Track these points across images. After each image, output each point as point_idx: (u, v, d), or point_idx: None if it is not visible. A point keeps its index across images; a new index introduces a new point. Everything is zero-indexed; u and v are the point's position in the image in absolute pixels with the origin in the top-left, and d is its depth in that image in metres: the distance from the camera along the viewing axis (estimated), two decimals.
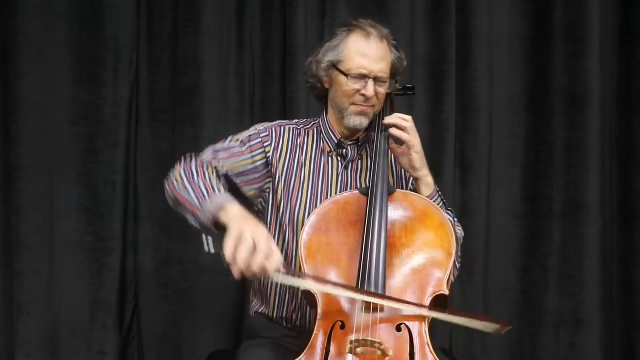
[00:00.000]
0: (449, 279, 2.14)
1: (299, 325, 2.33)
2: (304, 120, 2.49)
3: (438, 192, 2.35)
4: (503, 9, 3.38)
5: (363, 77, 2.28)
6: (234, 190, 2.26)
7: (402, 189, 2.39)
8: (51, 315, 3.30)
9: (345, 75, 2.29)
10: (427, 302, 2.08)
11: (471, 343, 3.40)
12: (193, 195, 2.10)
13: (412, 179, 2.38)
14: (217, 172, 2.25)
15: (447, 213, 2.33)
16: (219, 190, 2.11)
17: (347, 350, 1.98)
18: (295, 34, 3.26)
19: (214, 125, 3.33)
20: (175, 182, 2.18)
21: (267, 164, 2.34)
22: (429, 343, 2.03)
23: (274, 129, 2.39)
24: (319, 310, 2.08)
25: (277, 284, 2.34)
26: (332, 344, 2.02)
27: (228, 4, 3.32)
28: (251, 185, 2.34)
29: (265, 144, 2.35)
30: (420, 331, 2.04)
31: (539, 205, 3.38)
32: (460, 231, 2.41)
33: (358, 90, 2.29)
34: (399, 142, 2.31)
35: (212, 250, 1.95)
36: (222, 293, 3.24)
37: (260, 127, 2.40)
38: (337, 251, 2.15)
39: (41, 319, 3.29)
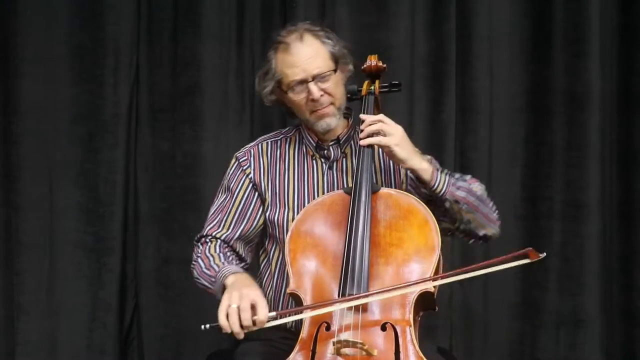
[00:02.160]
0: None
1: (294, 328, 2.31)
2: (287, 128, 2.50)
3: (438, 170, 2.25)
4: (503, 9, 3.38)
5: (302, 83, 2.29)
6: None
7: (393, 183, 2.38)
8: (51, 315, 3.31)
9: (287, 92, 2.31)
10: (413, 299, 2.06)
11: (471, 343, 3.39)
12: (207, 284, 2.30)
13: (407, 170, 2.33)
14: (222, 241, 2.37)
15: (462, 180, 2.26)
16: (218, 268, 2.26)
17: (332, 351, 1.98)
18: None
19: (214, 125, 3.33)
20: (194, 274, 2.36)
21: (254, 186, 2.39)
22: (414, 341, 2.02)
23: (251, 150, 2.42)
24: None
25: (269, 284, 2.39)
26: (317, 345, 2.02)
27: (228, 4, 3.33)
28: (256, 215, 2.39)
29: (245, 168, 2.40)
30: (405, 330, 2.03)
31: (539, 206, 3.37)
32: (479, 186, 2.30)
33: (308, 98, 2.30)
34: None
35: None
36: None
37: (239, 153, 2.44)
38: (322, 252, 2.14)
39: (41, 319, 3.30)
